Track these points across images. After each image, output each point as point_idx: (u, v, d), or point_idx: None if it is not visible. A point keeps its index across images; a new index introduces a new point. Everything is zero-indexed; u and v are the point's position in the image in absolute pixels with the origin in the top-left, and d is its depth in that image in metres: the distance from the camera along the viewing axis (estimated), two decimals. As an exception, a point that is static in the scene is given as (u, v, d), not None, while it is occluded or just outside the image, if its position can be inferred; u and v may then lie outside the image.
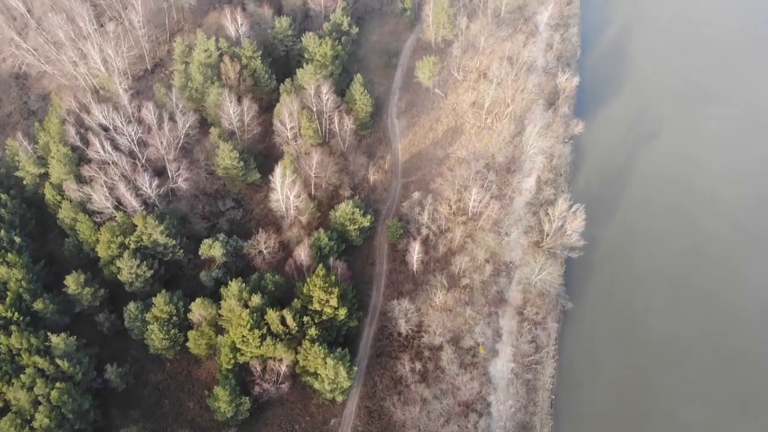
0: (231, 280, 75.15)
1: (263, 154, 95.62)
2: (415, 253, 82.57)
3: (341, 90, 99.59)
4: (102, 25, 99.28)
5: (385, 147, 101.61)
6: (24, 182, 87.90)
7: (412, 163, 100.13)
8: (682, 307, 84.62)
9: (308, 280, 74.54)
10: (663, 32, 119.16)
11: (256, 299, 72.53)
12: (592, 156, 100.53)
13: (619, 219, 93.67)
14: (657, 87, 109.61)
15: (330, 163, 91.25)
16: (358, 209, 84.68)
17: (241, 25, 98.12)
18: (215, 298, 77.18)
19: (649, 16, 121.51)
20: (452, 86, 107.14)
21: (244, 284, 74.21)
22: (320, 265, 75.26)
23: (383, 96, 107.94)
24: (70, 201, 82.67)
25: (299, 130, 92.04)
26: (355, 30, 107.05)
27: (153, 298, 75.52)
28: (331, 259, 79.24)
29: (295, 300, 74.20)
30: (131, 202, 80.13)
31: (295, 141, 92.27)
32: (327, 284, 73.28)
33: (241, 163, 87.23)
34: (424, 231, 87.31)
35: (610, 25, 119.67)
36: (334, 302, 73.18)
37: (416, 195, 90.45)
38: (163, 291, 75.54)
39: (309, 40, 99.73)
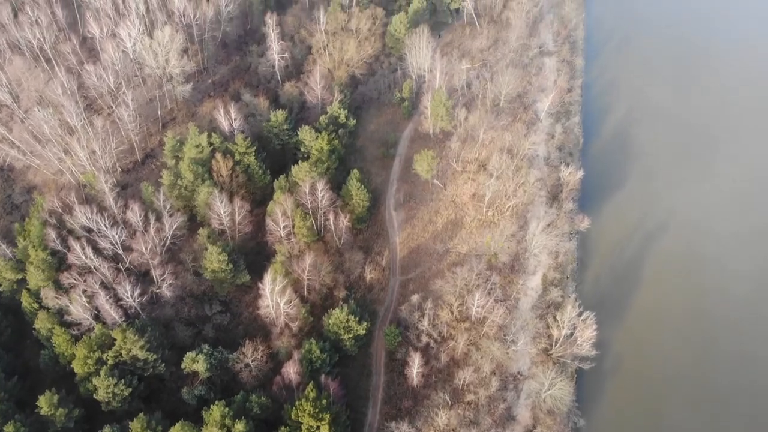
0: (214, 402, 69.10)
1: (254, 252, 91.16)
2: (415, 367, 76.69)
3: (337, 184, 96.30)
4: (90, 120, 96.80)
5: (383, 241, 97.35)
6: (0, 288, 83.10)
7: (411, 259, 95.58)
8: (704, 413, 78.39)
9: (297, 403, 68.42)
10: (666, 119, 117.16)
11: (239, 426, 66.23)
12: (599, 252, 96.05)
13: (631, 320, 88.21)
14: (662, 175, 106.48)
15: (324, 263, 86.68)
16: (353, 316, 79.41)
17: (235, 119, 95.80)
18: (197, 417, 70.88)
19: (651, 103, 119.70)
20: (451, 177, 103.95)
21: (227, 408, 68.02)
22: (310, 385, 69.41)
23: (381, 187, 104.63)
24: (48, 310, 77.65)
25: (293, 228, 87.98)
26: (352, 122, 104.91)
27: (130, 423, 69.18)
28: (323, 377, 73.30)
29: (283, 428, 67.79)
30: (111, 313, 75.02)
31: (288, 240, 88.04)
32: (317, 409, 67.15)
33: (230, 266, 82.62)
34: (425, 339, 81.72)
35: (611, 113, 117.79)
36: (325, 429, 66.83)
37: (415, 298, 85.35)
38: (141, 415, 69.19)
39: (305, 133, 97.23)
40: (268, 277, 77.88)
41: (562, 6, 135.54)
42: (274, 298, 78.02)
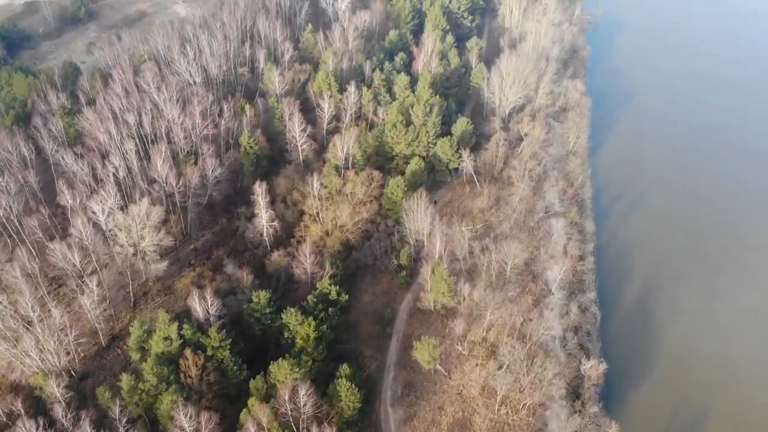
0: None
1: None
2: None
3: (324, 377, 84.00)
4: (49, 309, 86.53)
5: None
6: None
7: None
8: None
9: None
10: (687, 282, 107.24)
11: None
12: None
13: None
14: (696, 362, 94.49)
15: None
16: None
17: (212, 304, 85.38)
18: None
19: (669, 268, 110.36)
20: (456, 362, 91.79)
21: None
22: None
23: (375, 373, 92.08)
24: None
25: (270, 440, 74.35)
26: (344, 297, 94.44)
27: None
28: None
29: None
30: None
31: (264, 456, 74.06)
32: None
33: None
34: None
35: (628, 282, 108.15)
36: None
37: None
38: None
39: (290, 317, 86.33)
40: None
41: (566, 162, 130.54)
42: None
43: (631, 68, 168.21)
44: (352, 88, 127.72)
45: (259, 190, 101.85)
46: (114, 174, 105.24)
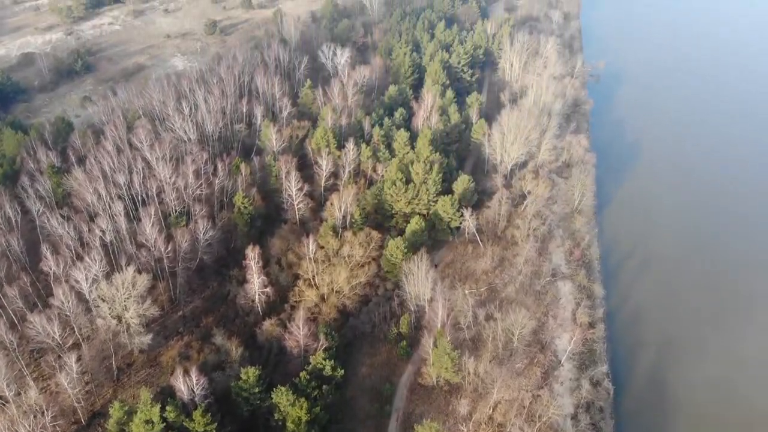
0: None
1: None
2: None
3: (318, 464, 77.46)
4: (26, 386, 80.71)
5: None
6: None
7: None
8: None
9: None
10: (703, 353, 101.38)
11: None
12: None
13: None
14: None
15: None
16: None
17: (197, 383, 79.42)
18: None
19: (684, 339, 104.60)
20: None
21: None
22: None
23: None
24: None
25: None
26: (340, 372, 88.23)
27: None
28: None
29: None
30: None
31: None
32: None
33: None
34: None
35: (641, 352, 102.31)
36: None
37: None
38: None
39: (280, 396, 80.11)
40: None
41: (571, 220, 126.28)
42: None
43: (635, 121, 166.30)
44: (350, 145, 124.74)
45: (252, 255, 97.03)
46: (101, 237, 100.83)
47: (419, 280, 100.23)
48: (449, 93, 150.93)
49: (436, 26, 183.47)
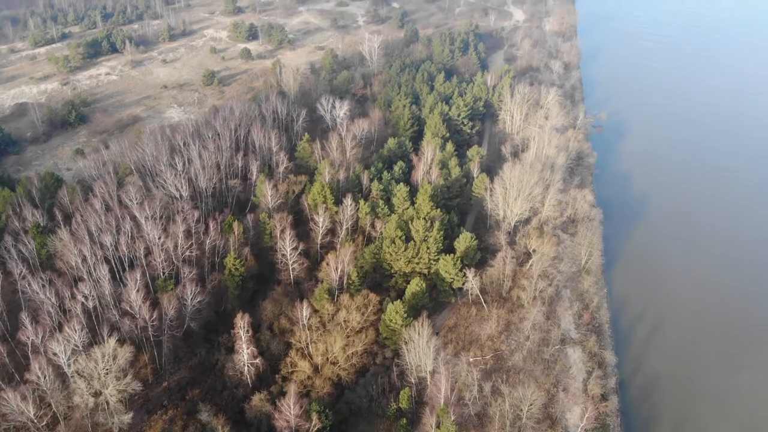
0: None
1: None
2: None
3: None
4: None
5: None
6: None
7: None
8: None
9: None
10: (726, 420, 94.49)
11: None
12: None
13: None
14: None
15: None
16: None
17: (178, 472, 72.70)
18: None
19: (702, 404, 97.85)
20: None
21: None
22: None
23: None
24: None
25: None
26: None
27: None
28: None
29: None
30: None
31: None
32: None
33: None
34: None
35: (659, 428, 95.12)
36: None
37: None
38: None
39: (269, 485, 73.46)
40: None
41: (579, 280, 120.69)
42: None
43: (639, 172, 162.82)
44: (348, 200, 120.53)
45: (241, 323, 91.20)
46: (83, 303, 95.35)
47: (420, 350, 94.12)
48: (449, 146, 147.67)
49: (436, 78, 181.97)
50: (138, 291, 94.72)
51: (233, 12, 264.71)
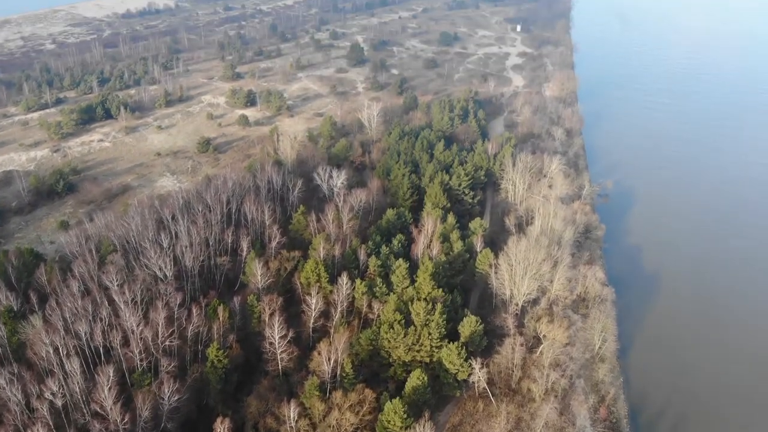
0: None
1: None
2: None
3: None
4: None
5: None
6: None
7: None
8: None
9: None
10: None
11: None
12: None
13: None
14: None
15: None
16: None
17: None
18: None
19: None
20: None
21: None
22: None
23: None
24: None
25: None
26: None
27: None
28: None
29: None
30: None
31: None
32: None
33: None
34: None
35: None
36: None
37: None
38: None
39: None
40: None
41: (593, 369, 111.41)
42: None
43: (650, 243, 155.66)
44: (344, 280, 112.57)
45: (221, 428, 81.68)
46: (51, 402, 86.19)
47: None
48: (450, 218, 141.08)
49: (436, 146, 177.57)
50: (110, 388, 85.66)
51: (232, 78, 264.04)
